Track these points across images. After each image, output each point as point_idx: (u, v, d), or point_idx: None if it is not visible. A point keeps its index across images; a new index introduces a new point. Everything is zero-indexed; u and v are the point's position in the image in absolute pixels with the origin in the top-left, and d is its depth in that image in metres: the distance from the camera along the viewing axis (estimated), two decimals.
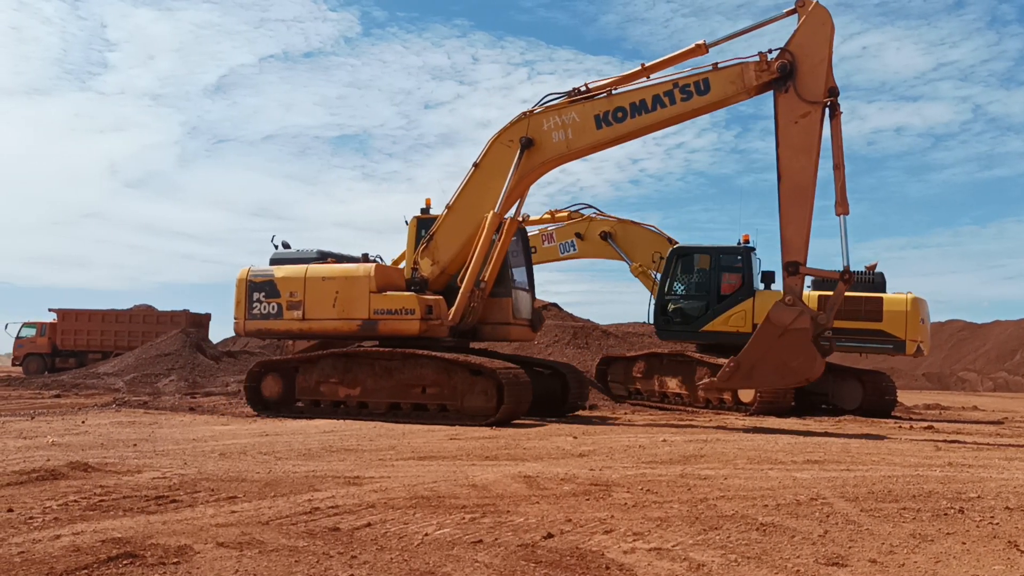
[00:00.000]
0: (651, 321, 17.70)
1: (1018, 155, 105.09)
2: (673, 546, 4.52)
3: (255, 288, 14.13)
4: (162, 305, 37.71)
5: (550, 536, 4.69)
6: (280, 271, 14.13)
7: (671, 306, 17.58)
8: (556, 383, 14.47)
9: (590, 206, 20.73)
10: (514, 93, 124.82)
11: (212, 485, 6.26)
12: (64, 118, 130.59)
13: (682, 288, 17.72)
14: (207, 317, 36.17)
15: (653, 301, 17.78)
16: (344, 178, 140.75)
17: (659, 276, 18.44)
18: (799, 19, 11.98)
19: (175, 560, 4.08)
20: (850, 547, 4.57)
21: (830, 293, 16.45)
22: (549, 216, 21.47)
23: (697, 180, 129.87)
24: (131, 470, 6.98)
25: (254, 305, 14.10)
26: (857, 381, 16.96)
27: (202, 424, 12.15)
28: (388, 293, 13.37)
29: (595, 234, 20.33)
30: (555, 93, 13.40)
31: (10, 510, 5.19)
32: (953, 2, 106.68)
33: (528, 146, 13.34)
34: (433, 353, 12.78)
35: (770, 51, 12.03)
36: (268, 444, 9.26)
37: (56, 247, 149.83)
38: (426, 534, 4.72)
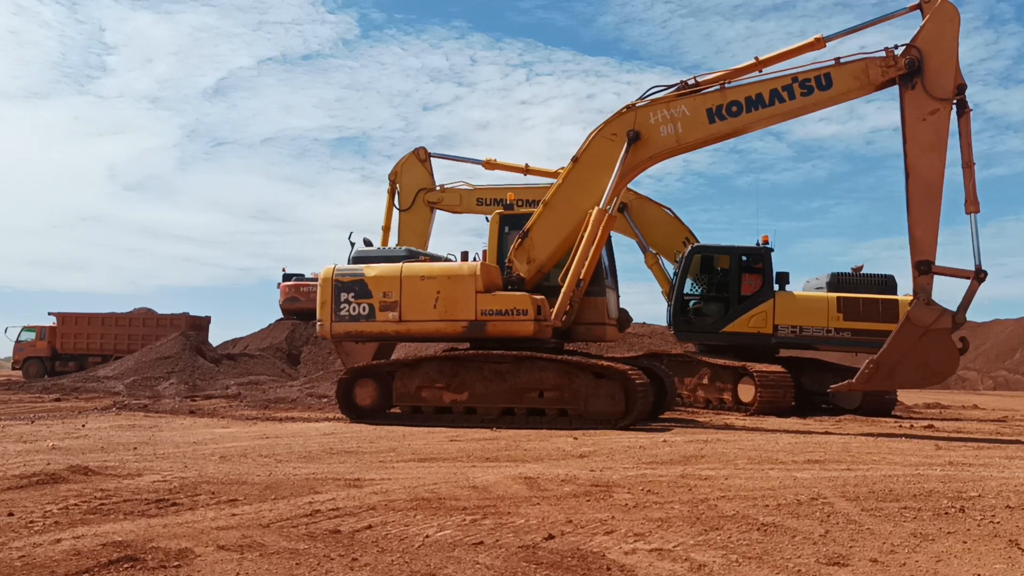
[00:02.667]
0: (669, 322, 17.62)
1: (1017, 154, 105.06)
2: (674, 547, 4.52)
3: (342, 288, 13.22)
4: (162, 308, 37.65)
5: (551, 537, 4.69)
6: (371, 270, 13.25)
7: (690, 307, 17.52)
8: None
9: None
10: (512, 94, 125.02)
11: (212, 488, 6.26)
12: (63, 122, 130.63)
13: (701, 288, 17.65)
14: (207, 320, 36.16)
15: (669, 302, 17.68)
16: (343, 180, 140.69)
17: (674, 273, 18.29)
18: (923, 15, 11.84)
19: (176, 563, 4.08)
20: (851, 547, 4.57)
21: (847, 295, 16.60)
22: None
23: (696, 181, 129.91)
24: (131, 473, 6.98)
25: (341, 306, 13.19)
26: None
27: (202, 427, 12.14)
28: (497, 293, 12.79)
29: None
30: (659, 86, 13.14)
31: (10, 514, 5.19)
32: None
33: (635, 140, 12.97)
34: (555, 356, 12.29)
35: (896, 47, 11.86)
36: (268, 447, 9.26)
37: (55, 250, 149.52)
38: (427, 536, 4.72)
